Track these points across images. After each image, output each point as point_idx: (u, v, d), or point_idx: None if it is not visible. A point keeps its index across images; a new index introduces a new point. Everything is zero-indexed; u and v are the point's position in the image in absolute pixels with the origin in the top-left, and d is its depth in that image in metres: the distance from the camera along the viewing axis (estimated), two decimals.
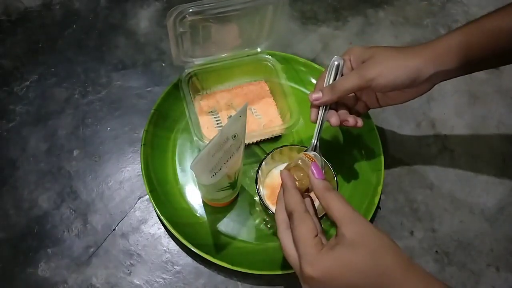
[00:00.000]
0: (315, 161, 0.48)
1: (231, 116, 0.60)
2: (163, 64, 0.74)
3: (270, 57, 0.67)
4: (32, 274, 0.56)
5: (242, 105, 0.49)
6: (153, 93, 0.70)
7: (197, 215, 0.60)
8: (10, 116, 0.67)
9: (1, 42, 0.74)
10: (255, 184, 0.57)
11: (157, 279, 0.57)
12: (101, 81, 0.71)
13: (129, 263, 0.58)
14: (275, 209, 0.46)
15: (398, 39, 0.80)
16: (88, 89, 0.70)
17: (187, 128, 0.65)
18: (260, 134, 0.64)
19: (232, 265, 0.55)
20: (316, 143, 0.55)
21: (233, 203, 0.61)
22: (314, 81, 0.69)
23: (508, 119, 0.72)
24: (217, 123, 0.66)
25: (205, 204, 0.61)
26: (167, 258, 0.58)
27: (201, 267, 0.58)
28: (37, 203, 0.61)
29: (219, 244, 0.58)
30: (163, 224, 0.59)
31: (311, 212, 0.44)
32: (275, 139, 0.66)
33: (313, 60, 0.73)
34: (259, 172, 0.57)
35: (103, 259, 0.58)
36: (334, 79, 0.54)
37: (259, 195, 0.57)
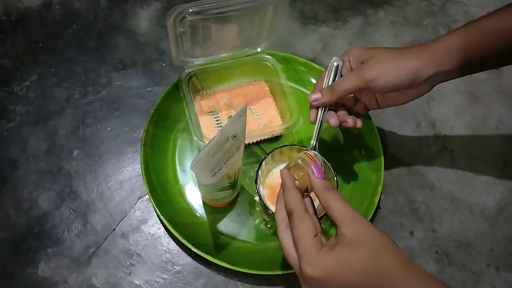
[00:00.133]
0: (315, 160, 0.47)
1: (231, 116, 0.60)
2: (163, 64, 0.74)
3: (270, 57, 0.67)
4: (32, 274, 0.56)
5: (242, 105, 0.49)
6: (153, 93, 0.70)
7: (197, 215, 0.60)
8: (10, 116, 0.67)
9: (1, 42, 0.74)
10: (255, 184, 0.57)
11: (157, 279, 0.57)
12: (101, 81, 0.71)
13: (129, 263, 0.58)
14: (275, 209, 0.46)
15: (398, 39, 0.80)
16: (88, 89, 0.70)
17: (187, 128, 0.65)
18: (260, 134, 0.64)
19: (232, 265, 0.55)
20: (315, 144, 0.55)
21: (233, 203, 0.61)
22: (314, 81, 0.69)
23: (508, 119, 0.72)
24: (217, 123, 0.66)
25: (205, 204, 0.61)
26: (167, 258, 0.58)
27: (201, 267, 0.58)
28: (37, 203, 0.61)
29: (219, 244, 0.58)
30: (163, 224, 0.59)
31: (310, 212, 0.44)
32: (275, 139, 0.66)
33: (313, 60, 0.73)
34: (259, 172, 0.57)
35: (103, 259, 0.58)
36: (334, 80, 0.54)
37: (259, 195, 0.57)
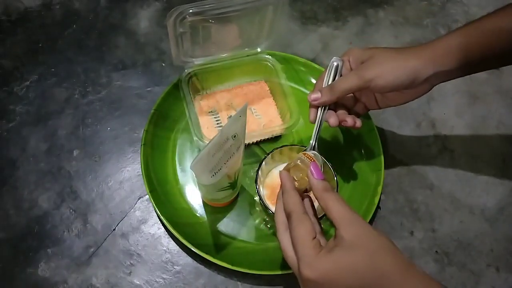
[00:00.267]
0: (314, 161, 0.47)
1: (231, 116, 0.60)
2: (163, 64, 0.74)
3: (270, 57, 0.67)
4: (32, 274, 0.56)
5: (242, 105, 0.49)
6: (153, 93, 0.70)
7: (197, 215, 0.60)
8: (10, 116, 0.67)
9: (1, 42, 0.74)
10: (255, 184, 0.57)
11: (157, 279, 0.57)
12: (101, 81, 0.71)
13: (129, 263, 0.58)
14: (274, 210, 0.46)
15: (398, 39, 0.80)
16: (88, 89, 0.70)
17: (187, 128, 0.65)
18: (260, 134, 0.64)
19: (232, 265, 0.55)
20: (314, 143, 0.55)
21: (233, 203, 0.61)
22: (314, 81, 0.69)
23: (508, 119, 0.72)
24: (217, 123, 0.66)
25: (205, 204, 0.61)
26: (167, 258, 0.58)
27: (201, 267, 0.58)
28: (37, 203, 0.61)
29: (219, 244, 0.58)
30: (163, 224, 0.59)
31: (310, 213, 0.44)
32: (275, 139, 0.66)
33: (313, 60, 0.73)
34: (259, 172, 0.57)
35: (103, 259, 0.58)
36: (333, 79, 0.54)
37: (259, 195, 0.57)
